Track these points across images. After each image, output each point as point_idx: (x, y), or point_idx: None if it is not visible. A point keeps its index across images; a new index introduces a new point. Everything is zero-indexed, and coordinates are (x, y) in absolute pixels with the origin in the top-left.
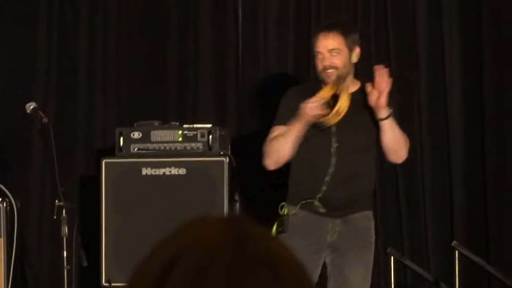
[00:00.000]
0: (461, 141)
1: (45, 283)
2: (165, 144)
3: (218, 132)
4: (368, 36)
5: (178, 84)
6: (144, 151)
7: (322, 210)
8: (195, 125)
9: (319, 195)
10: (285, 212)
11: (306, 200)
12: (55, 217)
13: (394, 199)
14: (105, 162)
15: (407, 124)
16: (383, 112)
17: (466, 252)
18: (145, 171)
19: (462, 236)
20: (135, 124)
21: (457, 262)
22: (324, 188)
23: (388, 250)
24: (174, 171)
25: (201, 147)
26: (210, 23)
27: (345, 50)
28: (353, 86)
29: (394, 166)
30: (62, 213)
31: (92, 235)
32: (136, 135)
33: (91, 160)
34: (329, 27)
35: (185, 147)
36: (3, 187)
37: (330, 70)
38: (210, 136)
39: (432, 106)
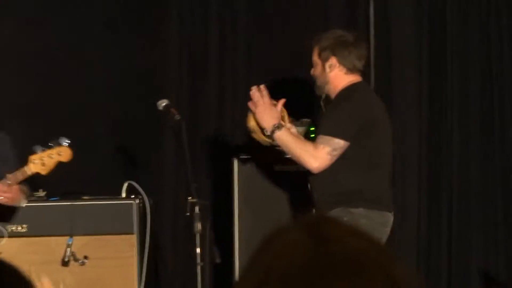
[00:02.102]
0: None
1: (178, 280)
2: None
3: None
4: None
5: (307, 80)
6: (276, 148)
7: None
8: None
9: None
10: None
11: None
12: (188, 213)
13: None
14: (238, 159)
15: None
16: (266, 129)
17: None
18: (277, 167)
19: None
20: None
21: None
22: None
23: None
24: None
25: None
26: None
27: (318, 62)
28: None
29: None
30: (195, 209)
31: (224, 232)
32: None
33: (223, 157)
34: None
35: None
36: (136, 185)
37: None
38: None
39: None
